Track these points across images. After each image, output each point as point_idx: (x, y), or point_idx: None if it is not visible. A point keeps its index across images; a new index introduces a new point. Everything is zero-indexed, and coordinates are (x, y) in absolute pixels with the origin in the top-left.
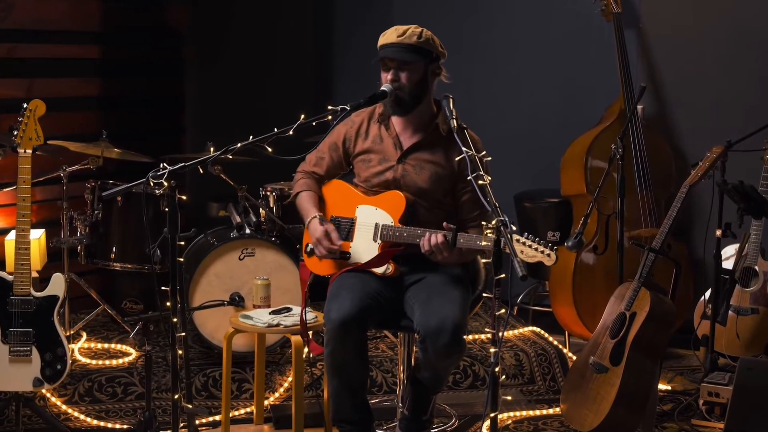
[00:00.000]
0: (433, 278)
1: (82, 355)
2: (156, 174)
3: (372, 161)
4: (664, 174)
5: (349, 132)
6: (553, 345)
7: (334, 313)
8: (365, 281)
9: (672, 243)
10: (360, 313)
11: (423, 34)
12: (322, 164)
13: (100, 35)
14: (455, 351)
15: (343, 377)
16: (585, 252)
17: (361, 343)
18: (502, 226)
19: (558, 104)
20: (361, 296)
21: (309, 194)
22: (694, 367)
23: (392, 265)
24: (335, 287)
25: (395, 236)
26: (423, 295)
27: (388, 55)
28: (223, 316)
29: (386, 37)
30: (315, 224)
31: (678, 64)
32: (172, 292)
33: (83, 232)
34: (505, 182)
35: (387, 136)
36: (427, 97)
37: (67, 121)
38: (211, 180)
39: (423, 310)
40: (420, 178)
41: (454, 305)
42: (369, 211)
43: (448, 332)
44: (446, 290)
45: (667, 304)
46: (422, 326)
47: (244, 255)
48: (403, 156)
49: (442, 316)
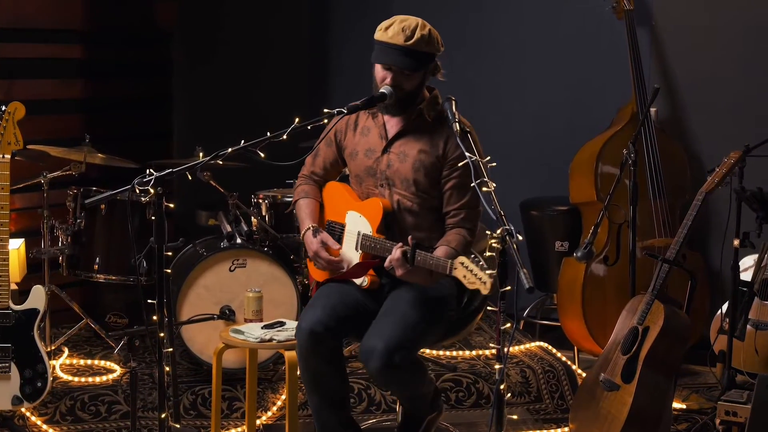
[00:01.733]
0: (399, 295)
1: (64, 371)
2: (142, 180)
3: (359, 154)
4: (679, 180)
5: (339, 124)
6: (562, 361)
7: (303, 323)
8: (346, 292)
9: (687, 253)
10: (331, 322)
11: (430, 37)
12: (319, 163)
13: (83, 34)
14: (390, 374)
15: (322, 391)
16: (595, 263)
17: (336, 353)
18: (508, 235)
19: (566, 106)
20: (335, 305)
21: (306, 202)
22: (711, 384)
23: (368, 278)
24: (315, 297)
25: (372, 247)
26: (380, 313)
27: (393, 61)
28: (212, 331)
29: (390, 35)
30: (309, 237)
31: (693, 64)
32: (159, 306)
33: (65, 241)
34: (511, 189)
35: (374, 125)
36: (422, 93)
37: (48, 124)
38: (201, 187)
39: (368, 332)
40: (404, 167)
41: (396, 326)
42: (355, 217)
43: (378, 355)
44: (400, 309)
45: (681, 318)
46: (360, 347)
47: (234, 266)
48: (387, 145)
49: (377, 338)
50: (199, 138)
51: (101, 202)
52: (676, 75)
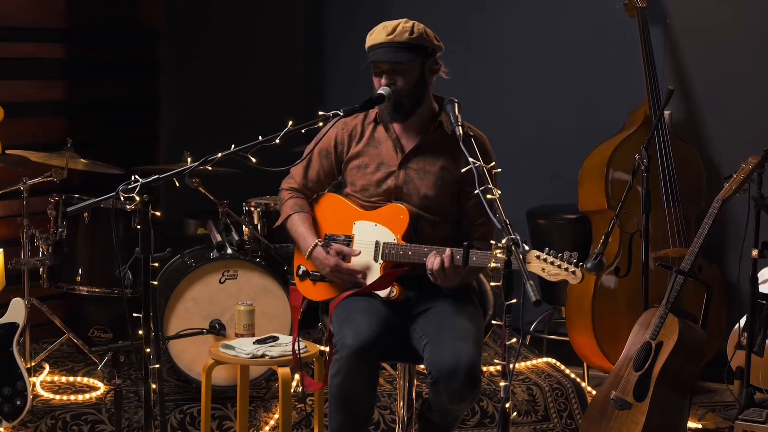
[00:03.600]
0: (442, 308)
1: (45, 389)
2: (127, 187)
3: (369, 167)
4: (694, 187)
5: (341, 135)
6: (570, 378)
7: (350, 339)
8: (376, 305)
9: (703, 264)
10: (378, 339)
11: (415, 29)
12: (312, 175)
13: (64, 32)
14: (471, 393)
15: (350, 412)
16: (606, 274)
17: (377, 374)
18: (514, 245)
19: (575, 109)
20: (377, 321)
21: (301, 216)
22: (728, 402)
23: (396, 288)
24: (344, 311)
25: (399, 255)
26: (432, 329)
27: (379, 58)
28: (201, 346)
29: (374, 36)
30: (321, 253)
31: (709, 64)
32: (145, 320)
33: (46, 252)
34: (517, 197)
35: (386, 138)
36: (427, 96)
37: (28, 128)
38: (189, 194)
39: (434, 349)
40: (423, 184)
41: (467, 342)
42: (368, 227)
43: (462, 373)
44: (458, 323)
45: (697, 333)
46: (434, 367)
47: (225, 278)
48: (405, 160)
49: (456, 356)
50: (187, 142)
51: (84, 210)
52: (692, 76)
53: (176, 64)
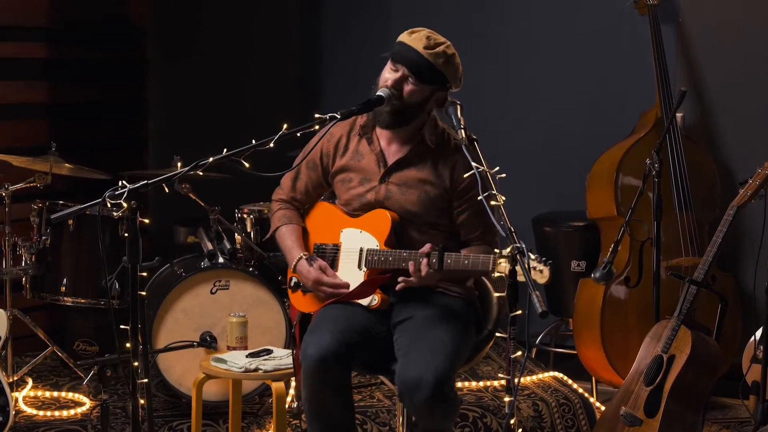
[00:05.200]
0: (422, 315)
1: (28, 405)
2: (114, 193)
3: (352, 181)
4: (708, 193)
5: (326, 146)
6: (578, 393)
7: (311, 348)
8: (351, 314)
9: (717, 274)
10: (342, 348)
11: (451, 59)
12: (300, 186)
13: (48, 31)
14: (438, 407)
15: (326, 423)
16: (615, 284)
17: (345, 383)
18: (519, 254)
19: (583, 112)
20: (344, 329)
21: (289, 228)
22: (743, 419)
23: (379, 296)
24: (317, 320)
25: (381, 262)
26: (406, 339)
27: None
28: (192, 360)
29: (413, 38)
30: (304, 266)
31: (724, 64)
32: (133, 332)
33: (29, 261)
34: (522, 203)
35: (369, 151)
36: (423, 116)
37: (10, 131)
38: (179, 200)
39: (403, 359)
40: (407, 200)
41: (437, 354)
42: (353, 234)
43: (427, 386)
44: (433, 333)
45: (711, 346)
46: (399, 378)
47: (216, 288)
48: (385, 174)
49: (421, 369)
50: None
51: (69, 218)
52: (705, 76)
53: (165, 63)
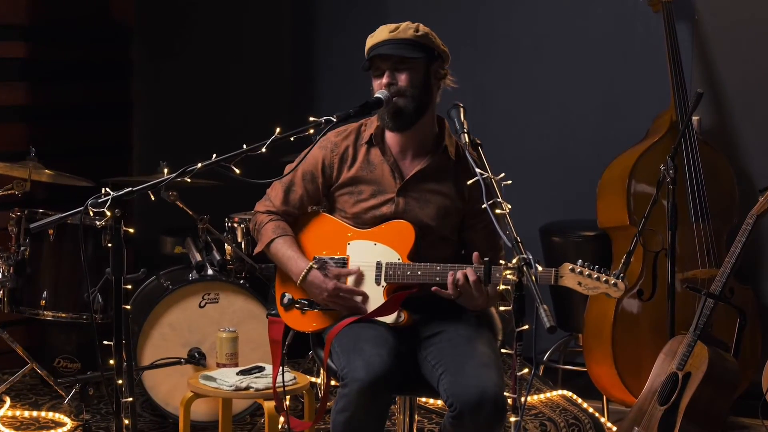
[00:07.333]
0: (456, 332)
1: (5, 425)
2: (97, 201)
3: (363, 193)
4: (726, 201)
5: (329, 157)
6: (588, 413)
7: (362, 372)
8: (383, 334)
9: (735, 287)
10: (391, 371)
11: (420, 28)
12: (293, 199)
13: (27, 30)
14: (498, 425)
15: None
16: (627, 298)
17: (387, 410)
18: (525, 265)
19: (594, 115)
20: (389, 352)
21: (287, 240)
22: None
23: (405, 313)
24: (350, 340)
25: (406, 276)
26: (448, 357)
27: (380, 53)
28: (179, 377)
29: (375, 36)
30: (317, 276)
31: (743, 65)
32: (117, 348)
33: (6, 273)
34: (529, 212)
35: (381, 161)
36: (431, 108)
37: None
38: (165, 209)
39: (455, 379)
40: (424, 214)
41: (490, 368)
42: (366, 247)
43: (490, 404)
44: (476, 349)
45: (729, 363)
46: (457, 399)
47: (205, 301)
48: (404, 187)
49: (481, 385)
50: (163, 151)
51: (49, 227)
52: (723, 77)
53: (151, 64)
